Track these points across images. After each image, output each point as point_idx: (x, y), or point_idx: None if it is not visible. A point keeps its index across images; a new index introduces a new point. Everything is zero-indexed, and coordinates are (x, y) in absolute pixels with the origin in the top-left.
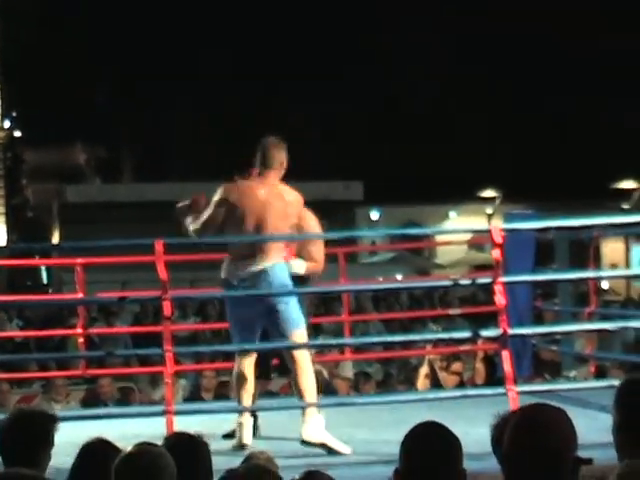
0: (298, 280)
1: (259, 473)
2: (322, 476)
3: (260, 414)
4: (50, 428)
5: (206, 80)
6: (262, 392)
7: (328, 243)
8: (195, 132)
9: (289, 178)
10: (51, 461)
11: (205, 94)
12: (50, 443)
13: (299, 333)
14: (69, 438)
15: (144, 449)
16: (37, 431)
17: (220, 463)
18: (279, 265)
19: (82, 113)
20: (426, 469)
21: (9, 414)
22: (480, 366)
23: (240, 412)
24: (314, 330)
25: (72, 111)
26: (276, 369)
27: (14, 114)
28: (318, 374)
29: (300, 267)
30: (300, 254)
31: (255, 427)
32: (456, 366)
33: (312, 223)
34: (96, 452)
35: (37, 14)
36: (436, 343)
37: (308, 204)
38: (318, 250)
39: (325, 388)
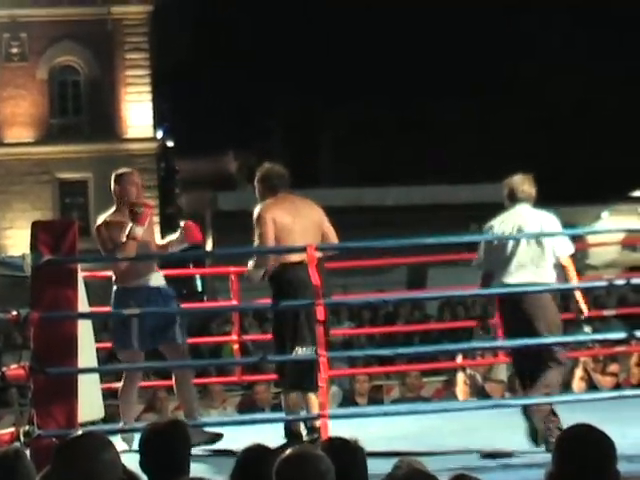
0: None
1: (421, 477)
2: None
3: (413, 418)
4: (182, 439)
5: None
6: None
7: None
8: (347, 141)
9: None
10: (209, 466)
11: (362, 102)
12: (187, 452)
13: None
14: (226, 444)
15: (306, 452)
16: (171, 447)
17: (373, 468)
18: None
19: (233, 121)
20: (579, 471)
21: (142, 435)
22: (635, 367)
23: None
24: (468, 334)
25: (223, 120)
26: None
27: (166, 125)
28: (471, 378)
29: None
30: None
31: None
32: (612, 367)
33: None
34: (255, 458)
35: (188, 28)
36: (590, 345)
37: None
38: None
39: (479, 392)
